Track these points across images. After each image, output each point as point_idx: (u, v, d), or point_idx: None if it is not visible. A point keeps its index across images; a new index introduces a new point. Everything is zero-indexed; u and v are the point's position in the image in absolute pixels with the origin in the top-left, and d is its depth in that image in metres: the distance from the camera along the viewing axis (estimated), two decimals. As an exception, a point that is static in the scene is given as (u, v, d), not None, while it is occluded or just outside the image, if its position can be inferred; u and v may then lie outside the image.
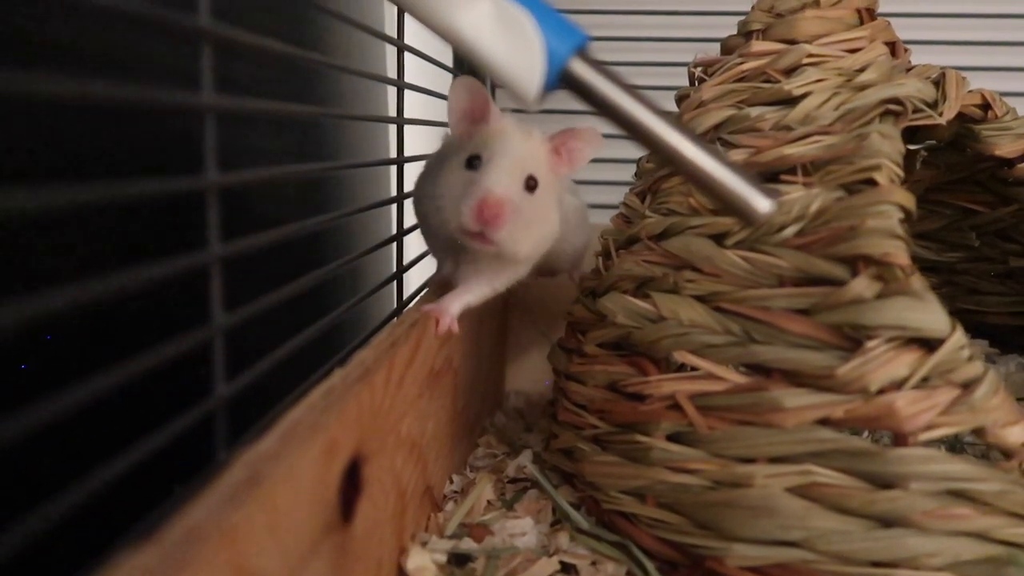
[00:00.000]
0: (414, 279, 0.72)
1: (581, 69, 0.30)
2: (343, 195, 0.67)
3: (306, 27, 0.59)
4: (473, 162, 0.45)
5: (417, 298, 0.55)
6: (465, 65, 0.80)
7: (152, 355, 0.25)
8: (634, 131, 0.30)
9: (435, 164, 0.51)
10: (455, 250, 0.51)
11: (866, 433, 0.49)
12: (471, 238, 0.44)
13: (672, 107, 0.56)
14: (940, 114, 0.45)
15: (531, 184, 0.45)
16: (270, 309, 0.38)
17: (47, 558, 0.25)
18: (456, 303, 0.50)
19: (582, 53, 0.29)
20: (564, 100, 0.31)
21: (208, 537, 0.21)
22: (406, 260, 0.59)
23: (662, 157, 0.30)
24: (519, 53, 0.29)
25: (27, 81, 0.18)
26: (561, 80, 0.30)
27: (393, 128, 0.56)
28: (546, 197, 0.47)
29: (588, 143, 0.49)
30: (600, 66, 0.30)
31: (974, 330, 0.67)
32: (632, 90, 0.30)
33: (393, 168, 0.56)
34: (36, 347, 0.34)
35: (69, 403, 0.21)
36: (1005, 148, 0.51)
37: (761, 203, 0.29)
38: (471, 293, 0.51)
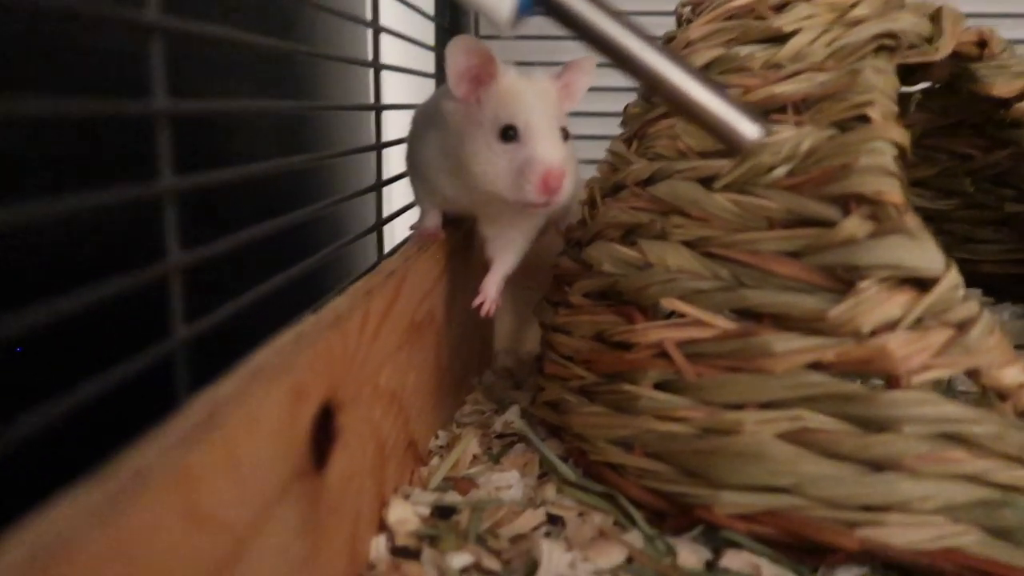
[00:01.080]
0: (399, 232, 0.70)
1: (557, -12, 0.28)
2: (323, 145, 0.65)
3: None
4: (508, 132, 0.44)
5: (400, 250, 0.53)
6: (445, 12, 0.78)
7: (104, 287, 0.23)
8: (614, 55, 0.28)
9: (433, 120, 0.50)
10: (473, 214, 0.53)
11: (858, 381, 0.48)
12: (531, 207, 0.45)
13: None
14: (936, 49, 0.43)
15: (565, 135, 0.46)
16: (248, 259, 0.36)
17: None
18: (494, 286, 0.53)
19: (557, -30, 0.28)
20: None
21: (158, 478, 0.20)
22: (390, 211, 0.57)
23: (645, 82, 0.28)
24: (490, -30, 0.27)
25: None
26: (536, 2, 0.28)
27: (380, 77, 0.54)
28: (570, 141, 0.48)
29: (585, 73, 0.49)
30: (577, -16, 0.28)
31: (968, 279, 0.65)
32: (612, 11, 0.28)
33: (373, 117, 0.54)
34: None
35: (20, 329, 0.19)
36: (1002, 87, 0.49)
37: (748, 128, 0.28)
38: (505, 264, 0.53)
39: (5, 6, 0.18)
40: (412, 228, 0.55)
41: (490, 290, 0.53)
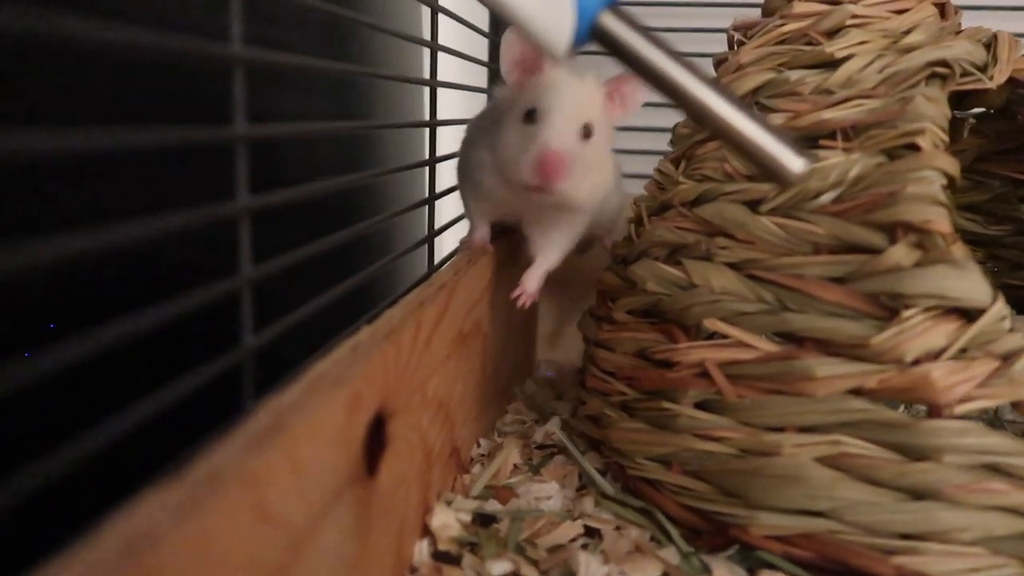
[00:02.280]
0: (448, 244, 0.72)
1: (611, 23, 0.29)
2: (377, 160, 0.67)
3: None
4: (531, 115, 0.45)
5: (449, 262, 0.55)
6: (501, 29, 0.79)
7: (180, 302, 0.25)
8: (664, 87, 0.29)
9: (486, 122, 0.51)
10: (517, 214, 0.53)
11: (902, 407, 0.48)
12: (532, 191, 0.45)
13: (711, 73, 0.55)
14: (990, 78, 0.43)
15: (587, 132, 0.46)
16: (304, 271, 0.38)
17: (78, 498, 0.25)
18: (534, 280, 0.53)
19: (613, 6, 0.29)
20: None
21: (231, 480, 0.22)
22: (440, 224, 0.59)
23: (693, 114, 0.29)
24: (549, 6, 0.28)
25: (54, 24, 0.18)
26: (591, 34, 0.29)
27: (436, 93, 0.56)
28: (601, 143, 0.48)
29: (640, 87, 0.49)
30: (631, 20, 0.29)
31: (1020, 306, 0.65)
32: (663, 45, 0.29)
33: (427, 133, 0.56)
34: (63, 296, 0.35)
35: (97, 345, 0.21)
36: (1059, 115, 0.49)
37: (794, 163, 0.29)
38: (547, 261, 0.54)
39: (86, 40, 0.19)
40: (461, 242, 0.57)
41: (530, 284, 0.53)
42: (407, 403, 0.37)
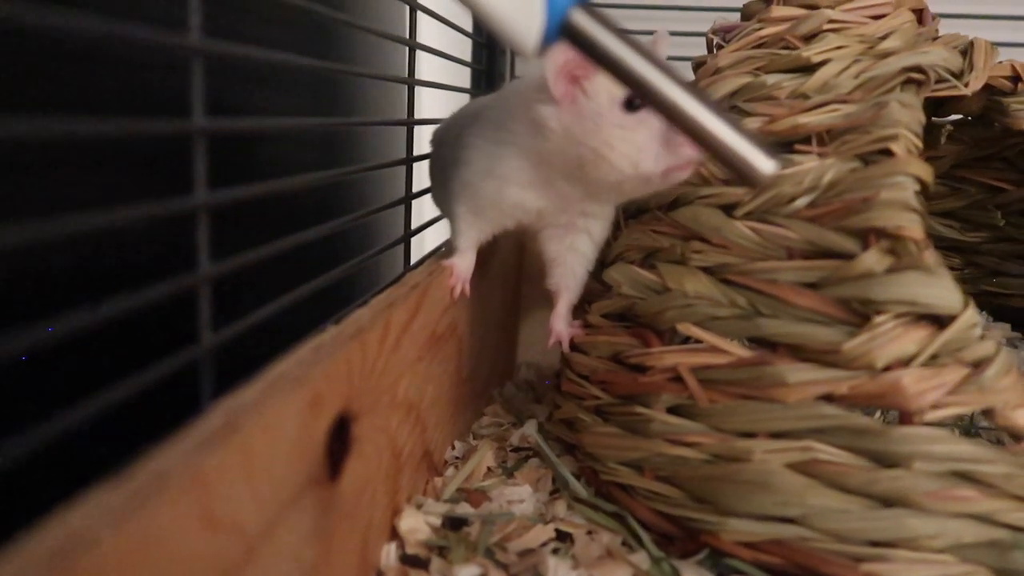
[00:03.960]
0: (429, 243, 0.71)
1: (582, 20, 0.28)
2: (359, 160, 0.66)
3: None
4: (634, 101, 0.41)
5: (427, 263, 0.54)
6: (484, 30, 0.79)
7: (134, 298, 0.24)
8: (634, 85, 0.29)
9: (490, 133, 0.48)
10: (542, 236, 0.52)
11: (878, 414, 0.47)
12: (667, 175, 0.42)
13: (690, 76, 0.55)
14: (966, 84, 0.43)
15: None
16: (283, 270, 0.38)
17: (21, 499, 0.25)
18: (561, 320, 0.53)
19: (583, 3, 0.28)
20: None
21: (178, 481, 0.21)
22: (420, 223, 0.59)
23: (663, 114, 0.29)
24: (518, 2, 0.28)
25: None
26: (561, 32, 0.29)
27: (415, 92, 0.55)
28: None
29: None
30: (602, 18, 0.29)
31: (997, 313, 0.65)
32: (634, 43, 0.29)
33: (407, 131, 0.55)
34: (8, 289, 0.34)
35: (46, 340, 0.20)
36: (1035, 123, 0.49)
37: (764, 164, 0.28)
38: (570, 297, 0.53)
39: (42, 27, 0.19)
40: (443, 263, 0.51)
41: (560, 326, 0.52)
42: (374, 405, 0.37)
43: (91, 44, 0.26)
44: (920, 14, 0.48)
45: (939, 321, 0.36)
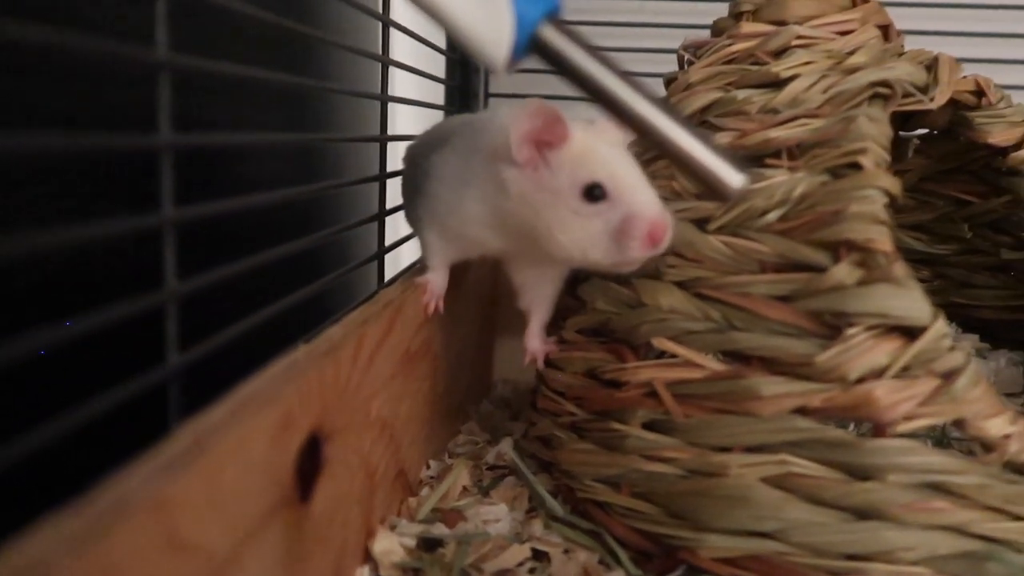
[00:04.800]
0: (404, 260, 0.71)
1: (552, 35, 0.29)
2: (331, 166, 0.66)
3: (292, 2, 0.58)
4: (594, 192, 0.41)
5: (401, 280, 0.53)
6: (458, 47, 0.79)
7: (99, 316, 0.24)
8: (605, 101, 0.29)
9: (458, 160, 0.47)
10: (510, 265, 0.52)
11: (852, 426, 0.48)
12: (616, 267, 0.42)
13: (662, 92, 0.55)
14: (931, 99, 0.44)
15: None
16: (249, 286, 0.37)
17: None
18: (536, 338, 0.53)
19: (553, 18, 0.28)
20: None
21: (141, 506, 0.21)
22: (395, 240, 0.58)
23: (633, 128, 0.29)
24: (487, 17, 0.28)
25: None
26: (531, 47, 0.29)
27: (389, 109, 0.55)
28: None
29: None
30: (571, 33, 0.29)
31: (966, 324, 0.66)
32: (604, 58, 0.29)
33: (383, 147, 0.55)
34: None
35: (8, 358, 0.20)
36: (998, 136, 0.50)
37: (734, 177, 0.29)
38: (542, 316, 0.53)
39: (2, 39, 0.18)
40: (417, 280, 0.50)
41: (534, 344, 0.52)
42: (347, 424, 0.36)
43: (55, 57, 0.26)
44: (886, 30, 0.49)
45: (910, 333, 0.36)
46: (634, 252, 0.40)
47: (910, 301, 0.36)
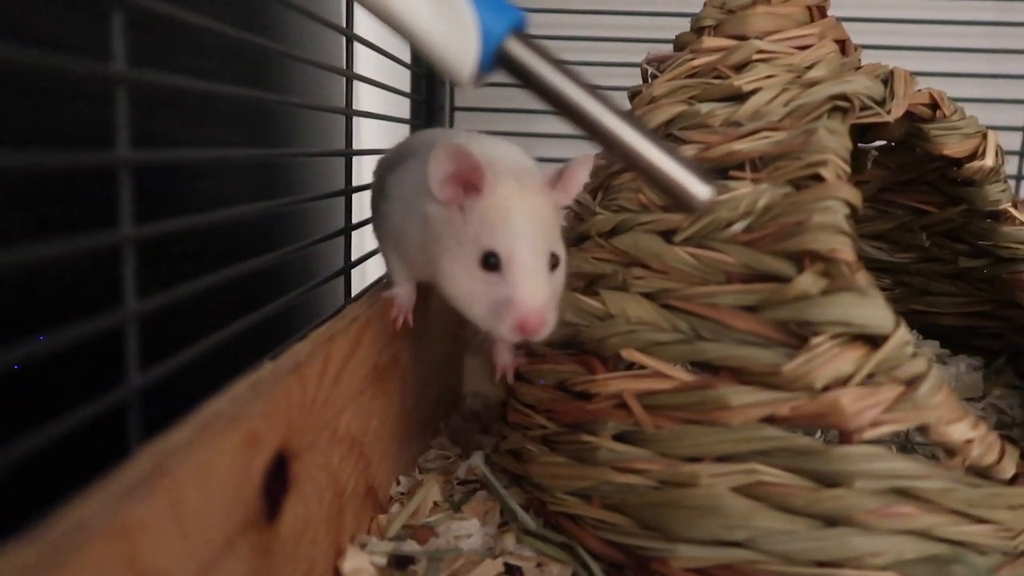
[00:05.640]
0: (371, 275, 0.70)
1: (517, 49, 0.29)
2: (296, 181, 0.65)
3: (256, 16, 0.57)
4: (490, 260, 0.40)
5: (368, 295, 0.53)
6: (423, 61, 0.79)
7: (57, 336, 0.23)
8: (571, 114, 0.29)
9: (407, 182, 0.46)
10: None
11: (819, 433, 0.48)
12: (497, 335, 0.41)
13: (627, 105, 0.56)
14: (888, 112, 0.45)
15: (555, 261, 0.42)
16: (213, 303, 0.36)
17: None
18: (505, 353, 0.53)
19: (518, 32, 0.29)
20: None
21: (100, 533, 0.20)
22: (361, 255, 0.58)
23: (600, 142, 0.29)
24: (452, 31, 0.28)
25: None
26: (497, 60, 0.29)
27: (352, 123, 0.55)
28: (563, 260, 0.43)
29: (584, 169, 0.45)
30: (537, 47, 0.29)
31: (926, 331, 0.67)
32: (570, 72, 0.29)
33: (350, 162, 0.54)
34: None
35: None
36: (953, 148, 0.51)
37: (700, 189, 0.29)
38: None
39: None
40: (384, 295, 0.50)
41: (504, 358, 0.53)
42: (314, 441, 0.36)
43: (6, 73, 0.25)
44: (843, 45, 0.50)
45: (873, 341, 0.37)
46: (505, 332, 0.40)
47: (873, 309, 0.37)
